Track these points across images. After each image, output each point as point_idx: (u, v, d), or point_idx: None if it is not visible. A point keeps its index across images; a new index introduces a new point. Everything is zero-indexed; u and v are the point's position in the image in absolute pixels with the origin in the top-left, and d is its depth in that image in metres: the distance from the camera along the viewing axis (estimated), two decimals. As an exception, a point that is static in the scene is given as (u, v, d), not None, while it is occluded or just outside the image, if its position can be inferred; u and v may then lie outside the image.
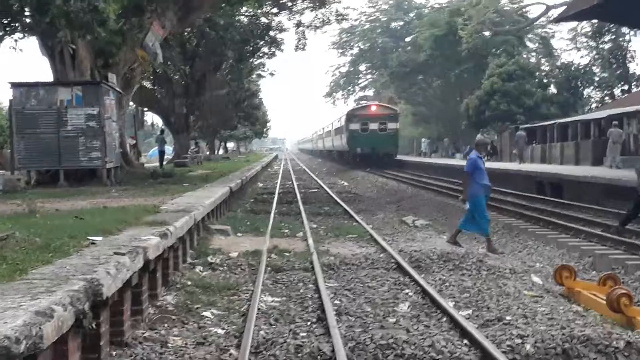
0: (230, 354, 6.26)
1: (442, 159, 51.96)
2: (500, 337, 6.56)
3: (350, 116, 50.89)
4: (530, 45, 65.75)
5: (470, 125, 53.39)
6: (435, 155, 60.30)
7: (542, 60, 60.61)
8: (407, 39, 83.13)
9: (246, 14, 38.78)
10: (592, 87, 53.52)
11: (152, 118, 47.48)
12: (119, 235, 7.55)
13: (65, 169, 19.01)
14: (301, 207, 20.55)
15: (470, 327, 6.75)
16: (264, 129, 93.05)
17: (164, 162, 36.58)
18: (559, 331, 6.62)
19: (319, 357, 6.15)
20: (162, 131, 40.62)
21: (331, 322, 6.99)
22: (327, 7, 38.99)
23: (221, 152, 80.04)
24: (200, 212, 11.21)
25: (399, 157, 51.63)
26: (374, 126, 48.88)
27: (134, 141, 34.55)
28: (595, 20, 44.32)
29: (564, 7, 31.73)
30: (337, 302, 8.27)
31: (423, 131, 72.59)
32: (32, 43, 20.53)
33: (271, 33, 41.17)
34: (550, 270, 10.78)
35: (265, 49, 44.52)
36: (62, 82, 19.42)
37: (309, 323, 7.31)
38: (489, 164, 34.09)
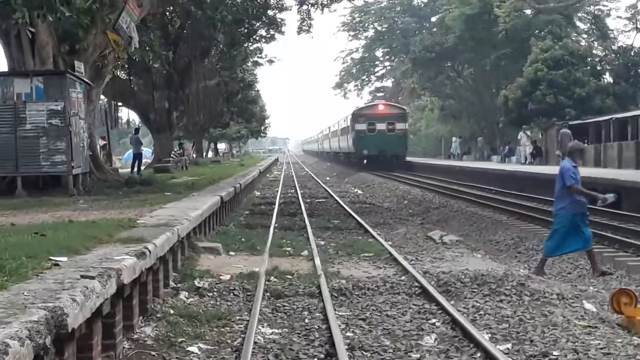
0: (221, 397, 6.25)
1: (476, 162, 51.94)
2: (546, 376, 6.53)
3: (356, 116, 56.10)
4: (580, 25, 65.62)
5: (509, 122, 53.23)
6: (467, 158, 60.24)
7: (595, 44, 60.47)
8: (433, 19, 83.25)
9: (240, -11, 38.84)
10: (656, 76, 53.27)
11: (127, 114, 47.52)
12: (87, 255, 7.54)
13: (23, 176, 19.02)
14: (306, 220, 20.58)
15: (509, 364, 6.71)
16: (262, 127, 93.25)
17: (142, 167, 36.62)
18: (618, 369, 6.58)
19: (327, 400, 6.13)
20: (136, 130, 40.14)
21: (342, 359, 6.96)
22: (337, -20, 39.00)
23: (210, 154, 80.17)
24: (185, 227, 11.21)
25: (420, 159, 52.19)
26: (381, 126, 54.33)
27: (105, 142, 34.59)
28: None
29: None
30: (349, 334, 8.24)
31: (453, 129, 72.52)
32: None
33: (269, 12, 41.20)
34: (606, 295, 10.72)
35: (263, 32, 44.61)
36: (19, 72, 19.46)
37: (315, 360, 7.30)
38: (532, 168, 34.03)
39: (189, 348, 7.65)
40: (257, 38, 45.92)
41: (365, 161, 55.02)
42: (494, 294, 10.27)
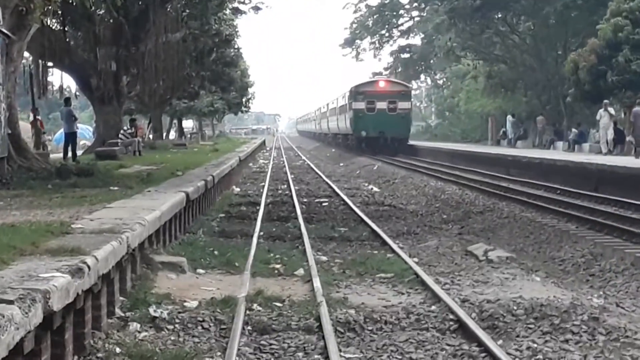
0: None
1: (534, 150, 51.87)
2: None
3: (355, 93, 65.97)
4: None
5: (580, 96, 52.97)
6: (522, 144, 60.08)
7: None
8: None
9: None
10: None
11: (60, 79, 47.43)
12: (3, 271, 7.55)
13: None
14: (302, 228, 20.58)
15: None
16: (244, 99, 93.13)
17: (80, 152, 36.53)
18: None
19: None
20: (67, 101, 38.19)
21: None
22: None
23: (173, 135, 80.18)
24: (137, 234, 11.21)
25: (457, 145, 52.46)
26: (382, 105, 64.23)
27: (37, 118, 34.46)
28: None
29: None
30: (359, 384, 8.26)
31: (503, 104, 72.24)
32: None
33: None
34: None
35: (246, -32, 44.61)
36: None
37: (312, 419, 7.32)
38: (610, 159, 33.97)
39: (141, 400, 7.67)
40: (239, -24, 45.91)
41: (363, 144, 64.98)
42: (557, 331, 10.28)
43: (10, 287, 6.70)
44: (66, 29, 40.54)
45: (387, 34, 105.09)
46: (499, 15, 68.64)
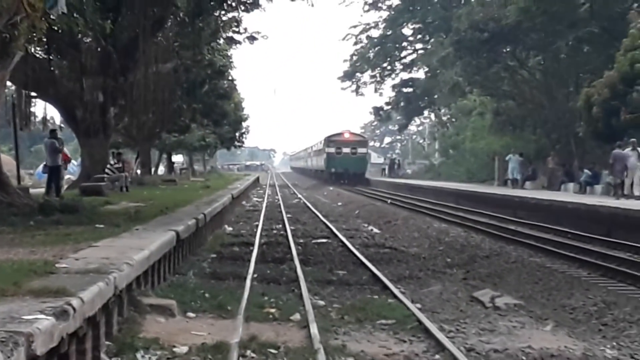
0: None
1: (544, 192, 51.87)
2: None
3: (328, 141, 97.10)
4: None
5: (592, 134, 53.01)
6: (531, 185, 60.06)
7: None
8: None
9: None
10: None
11: (44, 110, 47.37)
12: (-16, 313, 7.53)
13: None
14: (298, 270, 20.58)
15: None
16: (238, 133, 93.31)
17: (64, 187, 36.44)
18: None
19: None
20: (52, 132, 38.17)
21: None
22: None
23: (162, 170, 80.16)
24: (124, 275, 11.20)
25: (460, 185, 52.56)
26: (346, 150, 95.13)
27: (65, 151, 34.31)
28: None
29: None
30: None
31: (511, 142, 72.17)
32: None
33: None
34: None
35: (242, -5, 44.67)
36: None
37: None
38: (626, 203, 33.93)
39: None
40: (234, 3, 45.91)
41: (333, 177, 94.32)
42: (568, 383, 10.27)
43: (-9, 329, 6.69)
44: (51, 57, 40.56)
45: (389, 67, 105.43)
46: (508, 49, 68.65)
